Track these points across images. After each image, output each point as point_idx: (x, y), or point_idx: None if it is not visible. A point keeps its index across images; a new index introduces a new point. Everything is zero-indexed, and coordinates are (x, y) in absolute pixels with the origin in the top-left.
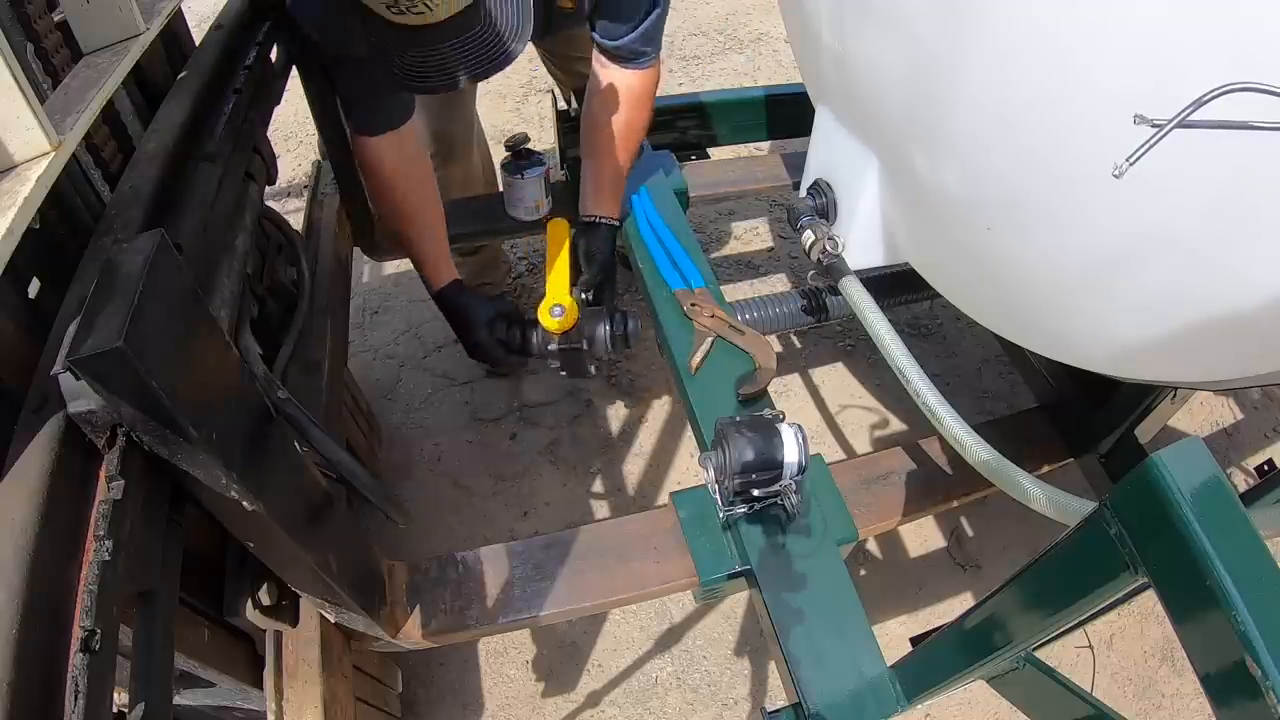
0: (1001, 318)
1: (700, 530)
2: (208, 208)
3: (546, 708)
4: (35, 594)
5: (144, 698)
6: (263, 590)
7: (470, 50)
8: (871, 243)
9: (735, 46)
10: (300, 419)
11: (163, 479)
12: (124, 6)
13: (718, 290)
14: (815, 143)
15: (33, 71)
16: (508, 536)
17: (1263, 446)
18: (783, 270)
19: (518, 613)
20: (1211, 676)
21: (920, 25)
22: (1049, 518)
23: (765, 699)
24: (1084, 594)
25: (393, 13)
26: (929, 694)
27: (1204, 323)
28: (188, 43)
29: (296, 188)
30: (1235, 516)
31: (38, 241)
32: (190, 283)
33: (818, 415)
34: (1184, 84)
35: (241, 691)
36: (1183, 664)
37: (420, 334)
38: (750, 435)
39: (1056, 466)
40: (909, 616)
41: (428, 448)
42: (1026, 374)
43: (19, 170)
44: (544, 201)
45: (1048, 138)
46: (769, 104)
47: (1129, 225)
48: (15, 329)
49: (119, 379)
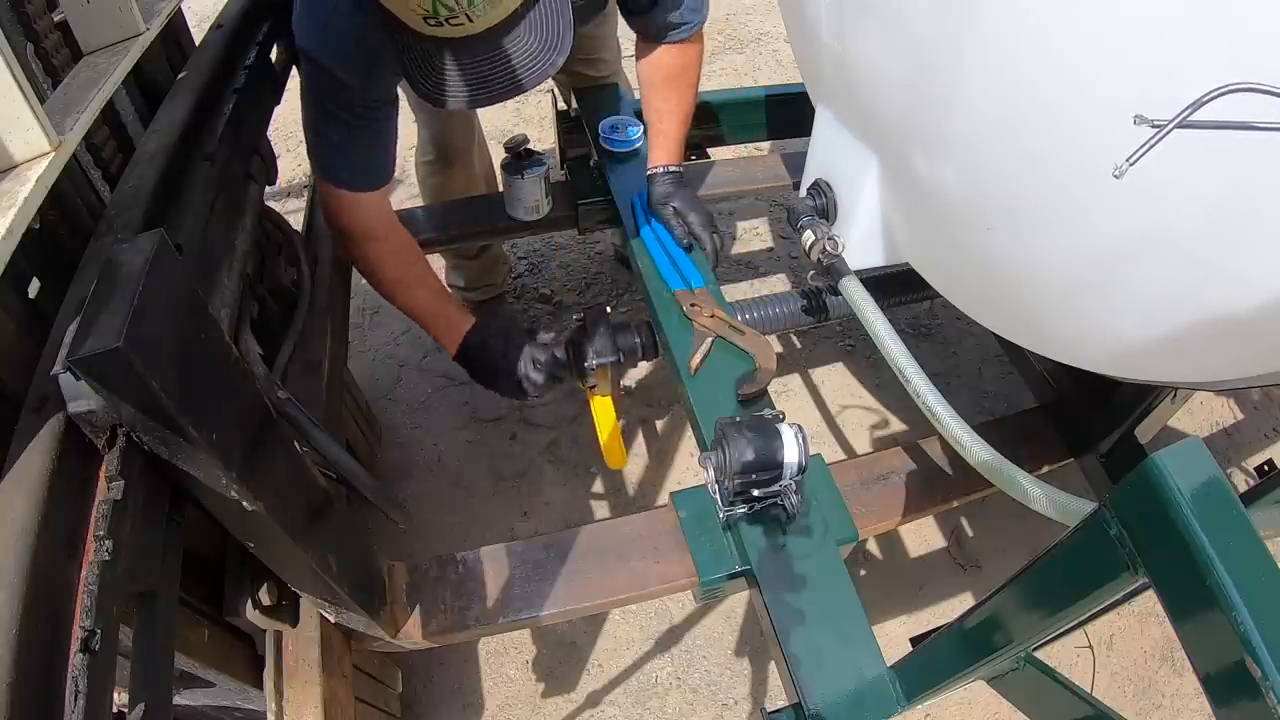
0: (1001, 318)
1: (700, 530)
2: (208, 208)
3: (546, 708)
4: (35, 594)
5: (144, 698)
6: (263, 590)
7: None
8: (871, 243)
9: (735, 46)
10: (300, 419)
11: (163, 479)
12: (124, 6)
13: (718, 290)
14: (815, 143)
15: (33, 71)
16: (508, 536)
17: (1263, 446)
18: (783, 270)
19: (518, 613)
20: (1211, 676)
21: (920, 25)
22: (1049, 518)
23: (765, 699)
24: (1084, 594)
25: (430, 25)
26: (929, 694)
27: (1204, 323)
28: (188, 43)
29: (296, 188)
30: (1235, 516)
31: (38, 241)
32: (190, 283)
33: (818, 415)
34: (1184, 84)
35: (241, 691)
36: (1183, 664)
37: (420, 334)
38: (750, 435)
39: (1056, 466)
40: (909, 616)
41: (428, 448)
42: (1026, 374)
43: (19, 170)
44: (544, 201)
45: (1048, 138)
46: (769, 104)
47: (1129, 226)
48: (15, 329)
49: (119, 379)
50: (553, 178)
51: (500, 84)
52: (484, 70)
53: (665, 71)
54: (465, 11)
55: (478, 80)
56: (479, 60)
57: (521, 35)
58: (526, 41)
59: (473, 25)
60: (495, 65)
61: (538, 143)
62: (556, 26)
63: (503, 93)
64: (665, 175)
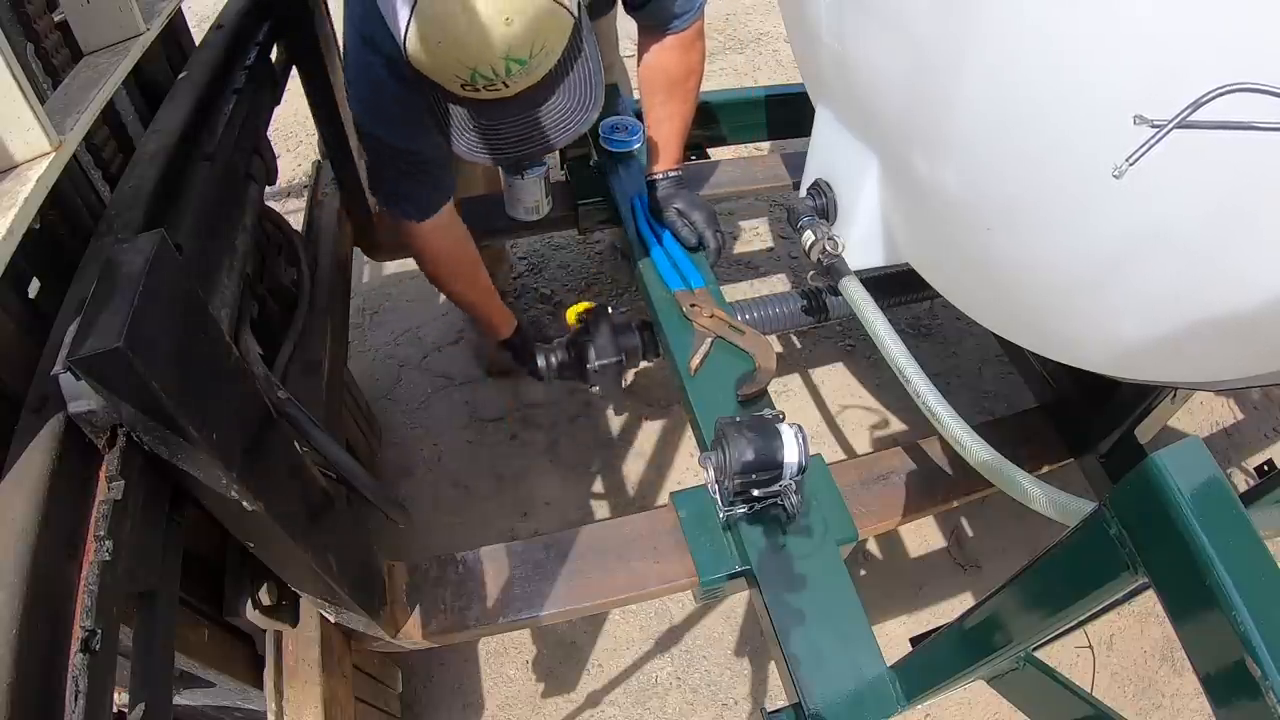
0: (1001, 318)
1: (700, 530)
2: (208, 208)
3: (546, 708)
4: (35, 594)
5: (144, 698)
6: (263, 590)
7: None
8: (871, 243)
9: (735, 46)
10: (300, 419)
11: (163, 479)
12: (124, 6)
13: (718, 290)
14: (815, 143)
15: (33, 71)
16: (508, 536)
17: (1263, 446)
18: (783, 270)
19: (518, 613)
20: (1211, 676)
21: (920, 25)
22: (1049, 518)
23: (765, 699)
24: (1084, 594)
25: (467, 90)
26: (929, 694)
27: (1204, 323)
28: (188, 43)
29: (296, 188)
30: (1235, 516)
31: (38, 241)
32: (190, 283)
33: (818, 415)
34: (1183, 85)
35: (241, 691)
36: (1183, 664)
37: (420, 334)
38: (750, 435)
39: (1056, 466)
40: (909, 616)
41: (428, 448)
42: (1026, 374)
43: (19, 171)
44: (544, 201)
45: (1047, 138)
46: (769, 104)
47: (1129, 226)
48: (15, 329)
49: (119, 379)
50: (553, 178)
51: (534, 143)
52: (518, 129)
53: (667, 77)
54: (503, 80)
55: (513, 138)
56: (513, 120)
57: (558, 97)
58: (560, 103)
59: (509, 90)
60: (528, 125)
61: None
62: (589, 87)
63: (537, 150)
64: (665, 180)
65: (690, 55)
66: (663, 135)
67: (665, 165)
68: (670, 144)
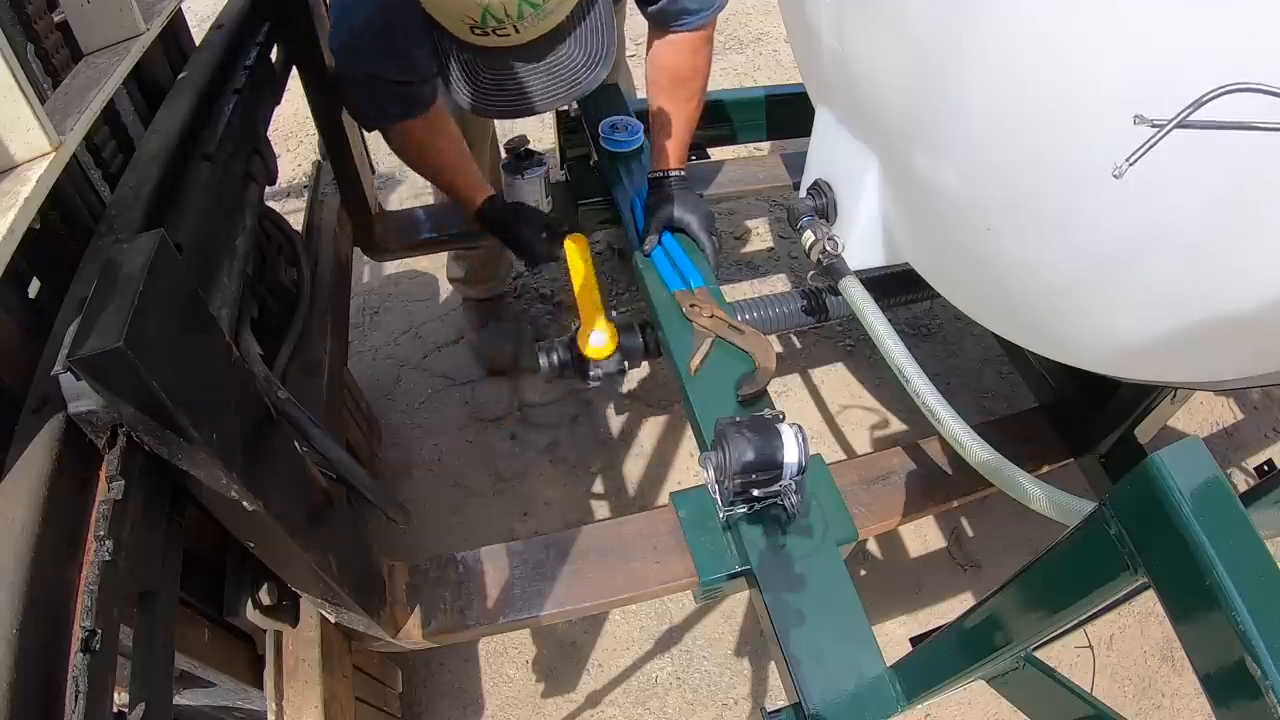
0: (1001, 318)
1: (700, 530)
2: (208, 208)
3: (546, 708)
4: (35, 594)
5: (144, 698)
6: (263, 590)
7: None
8: (871, 243)
9: (735, 46)
10: (300, 419)
11: (163, 479)
12: (124, 6)
13: (717, 290)
14: (815, 143)
15: (33, 71)
16: (508, 536)
17: (1263, 446)
18: (783, 270)
19: (518, 613)
20: (1211, 676)
21: (920, 25)
22: (1049, 518)
23: (765, 699)
24: (1084, 594)
25: (476, 34)
26: (929, 694)
27: (1204, 323)
28: (188, 43)
29: (296, 188)
30: (1235, 516)
31: (38, 241)
32: (190, 283)
33: (818, 415)
34: (1184, 84)
35: (241, 691)
36: (1183, 664)
37: (420, 334)
38: (750, 435)
39: (1056, 466)
40: (909, 616)
41: (427, 448)
42: (1026, 374)
43: (19, 171)
44: (544, 202)
45: (1048, 138)
46: (769, 104)
47: (1129, 226)
48: (15, 329)
49: (119, 379)
50: (553, 178)
51: (539, 96)
52: (525, 81)
53: (674, 76)
54: (514, 23)
55: (517, 91)
56: (520, 71)
57: (567, 49)
58: (571, 54)
59: (519, 36)
60: (537, 77)
61: (538, 143)
62: (601, 41)
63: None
64: (667, 179)
65: (698, 56)
66: (666, 135)
67: (668, 164)
68: (674, 143)
